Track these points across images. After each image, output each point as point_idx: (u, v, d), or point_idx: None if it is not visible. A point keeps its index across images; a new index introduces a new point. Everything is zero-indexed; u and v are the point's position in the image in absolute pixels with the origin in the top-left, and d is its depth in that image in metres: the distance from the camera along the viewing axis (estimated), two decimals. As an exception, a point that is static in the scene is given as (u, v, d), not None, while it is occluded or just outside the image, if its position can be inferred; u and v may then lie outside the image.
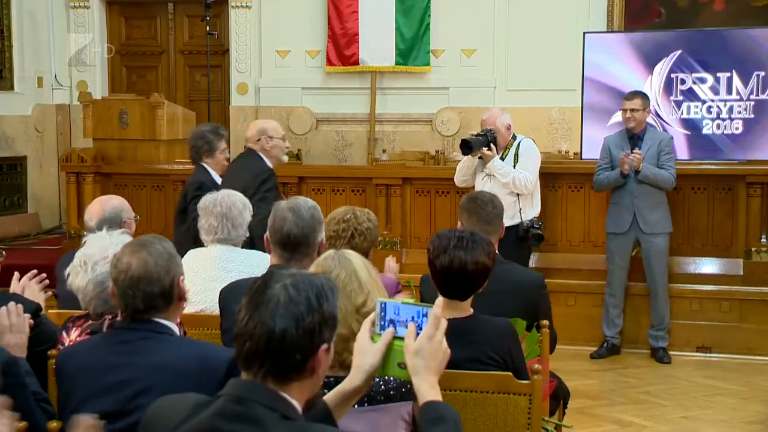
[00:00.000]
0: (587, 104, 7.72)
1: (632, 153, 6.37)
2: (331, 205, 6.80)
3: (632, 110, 6.53)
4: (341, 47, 10.07)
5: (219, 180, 5.52)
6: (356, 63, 10.05)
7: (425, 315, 2.06)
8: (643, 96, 6.66)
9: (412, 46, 9.97)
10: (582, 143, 7.79)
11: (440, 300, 2.11)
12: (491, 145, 5.96)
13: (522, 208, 5.94)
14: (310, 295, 1.82)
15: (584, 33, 7.90)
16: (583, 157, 7.74)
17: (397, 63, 10.02)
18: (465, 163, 6.13)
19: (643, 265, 6.58)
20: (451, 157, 9.38)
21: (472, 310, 3.05)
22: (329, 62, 10.14)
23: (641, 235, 6.50)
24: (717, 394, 5.75)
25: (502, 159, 5.99)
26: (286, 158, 5.78)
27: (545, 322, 3.69)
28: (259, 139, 5.55)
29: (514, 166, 5.97)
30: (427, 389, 2.01)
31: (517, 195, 5.93)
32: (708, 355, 6.64)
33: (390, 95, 10.16)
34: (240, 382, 1.82)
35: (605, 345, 6.65)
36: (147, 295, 2.57)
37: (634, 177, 6.42)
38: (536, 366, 2.99)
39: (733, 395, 5.73)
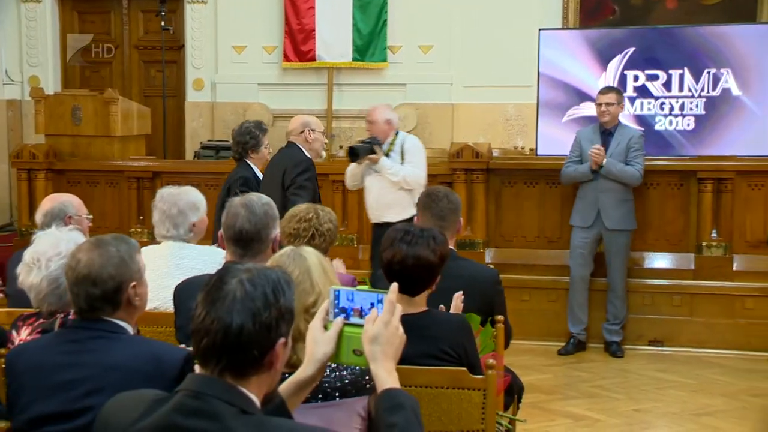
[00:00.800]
0: (543, 101, 7.79)
1: (592, 148, 6.43)
2: (287, 201, 6.77)
3: (607, 104, 6.59)
4: (298, 43, 10.04)
5: (261, 175, 5.62)
6: (313, 59, 10.02)
7: (380, 301, 2.07)
8: (618, 91, 6.75)
9: (369, 42, 9.96)
10: (537, 139, 7.85)
11: (395, 286, 2.12)
12: (375, 149, 6.01)
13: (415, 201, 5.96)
14: (266, 290, 1.82)
15: (539, 30, 7.96)
16: (538, 153, 7.81)
17: (354, 59, 10.01)
18: (353, 170, 6.22)
19: (605, 261, 6.64)
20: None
21: (425, 305, 3.05)
22: (286, 58, 10.10)
23: (604, 230, 6.56)
24: (668, 387, 5.84)
25: (387, 155, 6.06)
26: (324, 153, 5.97)
27: (500, 317, 3.72)
28: (302, 131, 5.71)
29: (402, 163, 6.03)
30: (385, 376, 2.02)
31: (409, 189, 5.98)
32: (660, 348, 6.73)
33: (347, 91, 10.15)
34: (198, 377, 1.82)
35: (572, 341, 6.70)
36: (89, 296, 2.54)
37: (600, 172, 6.48)
38: (490, 361, 3.01)
39: (683, 388, 5.82)
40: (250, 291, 1.80)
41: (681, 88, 7.52)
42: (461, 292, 3.39)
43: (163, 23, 9.62)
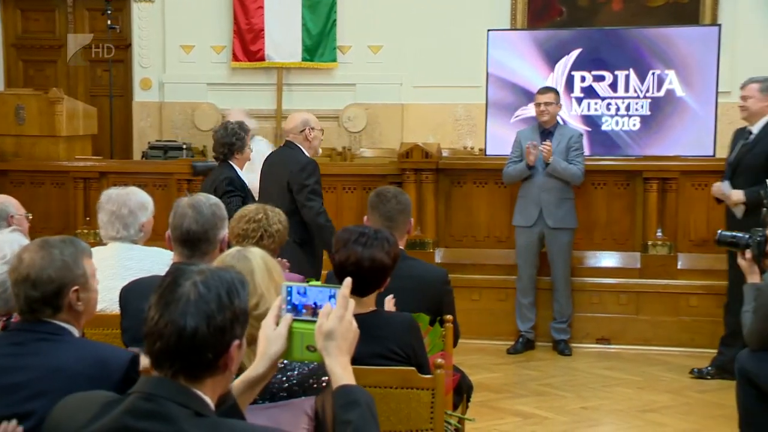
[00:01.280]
0: (491, 101, 7.85)
1: (542, 144, 6.49)
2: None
3: (546, 104, 6.64)
4: (247, 43, 9.99)
5: (243, 176, 5.62)
6: (262, 59, 9.98)
7: (333, 296, 2.06)
8: (556, 91, 6.81)
9: (319, 42, 9.95)
10: (486, 139, 7.91)
11: (348, 281, 2.11)
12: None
13: None
14: (220, 292, 1.80)
15: (488, 31, 8.02)
16: (487, 153, 7.87)
17: (303, 59, 9.99)
18: None
19: (548, 260, 6.71)
20: (358, 154, 9.41)
21: (374, 305, 3.06)
22: (235, 58, 10.05)
23: (546, 229, 6.61)
24: (614, 385, 5.91)
25: None
26: (320, 150, 5.94)
27: (449, 316, 3.74)
28: (303, 130, 5.65)
29: None
30: (340, 372, 2.02)
31: None
32: (607, 346, 6.82)
33: (296, 91, 10.12)
34: (151, 379, 1.80)
35: (520, 340, 6.75)
36: (28, 298, 2.49)
37: (543, 170, 6.54)
38: (439, 360, 3.02)
39: (629, 385, 5.90)
40: (203, 293, 1.78)
41: (627, 89, 7.64)
42: (392, 296, 3.40)
43: (109, 22, 9.50)
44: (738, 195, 5.80)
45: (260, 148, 6.23)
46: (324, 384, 2.40)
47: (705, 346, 6.40)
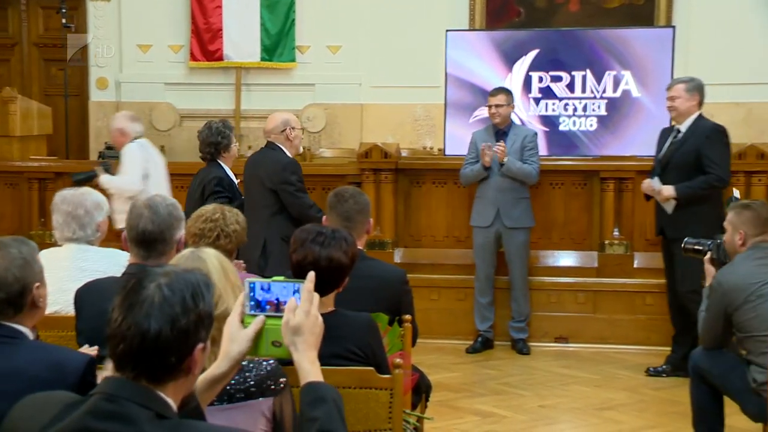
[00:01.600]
0: (450, 101, 7.89)
1: (496, 144, 6.53)
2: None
3: (497, 106, 6.67)
4: (205, 42, 9.93)
5: (232, 175, 5.70)
6: (220, 58, 9.93)
7: (297, 291, 2.06)
8: (507, 92, 6.82)
9: (278, 42, 9.92)
10: (445, 139, 7.95)
11: (312, 275, 2.11)
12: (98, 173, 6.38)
13: None
14: (185, 295, 1.79)
15: (446, 31, 8.06)
16: (446, 153, 7.90)
17: (262, 59, 9.95)
18: None
19: (505, 259, 6.76)
20: (318, 154, 9.40)
21: (333, 305, 3.06)
22: (193, 57, 9.98)
23: (503, 229, 6.66)
24: (572, 383, 5.97)
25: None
26: (301, 149, 5.95)
27: (407, 316, 3.75)
28: (284, 130, 5.72)
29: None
30: (308, 367, 2.02)
31: None
32: (565, 345, 6.88)
33: (255, 91, 10.08)
34: (113, 380, 1.78)
35: (479, 339, 6.79)
36: None
37: (499, 170, 6.58)
38: (397, 360, 3.03)
39: (587, 383, 5.97)
40: (168, 296, 1.77)
41: (584, 90, 7.72)
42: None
43: (64, 20, 9.38)
44: (669, 191, 5.92)
45: (126, 150, 6.40)
46: (282, 385, 2.40)
47: (661, 344, 6.48)
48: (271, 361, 2.37)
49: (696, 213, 5.83)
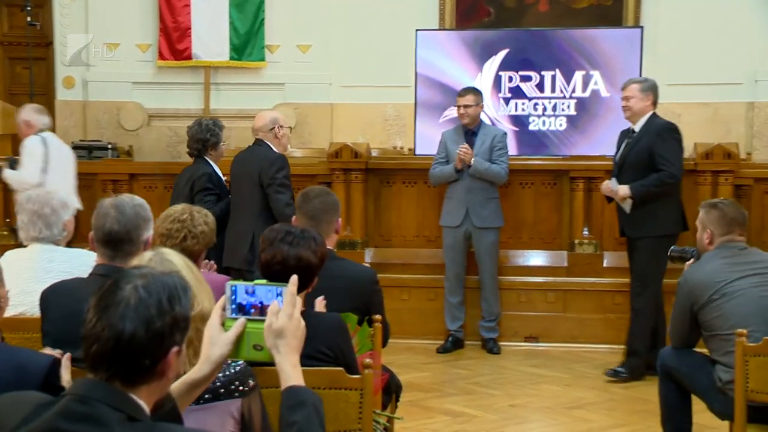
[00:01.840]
0: (420, 101, 7.89)
1: (460, 147, 6.55)
2: (164, 202, 6.66)
3: (465, 106, 6.69)
4: (173, 41, 9.86)
5: (220, 172, 5.80)
6: (189, 57, 9.86)
7: (279, 294, 2.05)
8: (476, 92, 6.83)
9: (247, 41, 9.88)
10: (416, 139, 7.95)
11: (294, 278, 2.10)
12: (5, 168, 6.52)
13: None
14: (161, 297, 1.77)
15: (416, 30, 8.06)
16: (416, 153, 7.91)
17: (231, 58, 9.90)
18: None
19: (475, 260, 6.77)
20: (288, 153, 9.36)
21: (302, 305, 3.05)
22: (161, 56, 9.91)
23: (473, 229, 6.68)
24: (542, 382, 6.00)
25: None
26: (289, 147, 6.08)
27: (377, 316, 3.75)
28: (272, 128, 5.79)
29: None
30: (290, 370, 2.02)
31: None
32: (535, 344, 6.91)
33: (224, 91, 10.03)
34: (85, 381, 1.76)
35: (450, 339, 6.80)
36: None
37: (467, 171, 6.60)
38: (367, 360, 3.02)
39: (557, 382, 6.00)
40: (144, 297, 1.76)
41: (553, 89, 7.76)
42: (322, 297, 3.40)
43: (29, 18, 9.27)
44: (624, 190, 6.00)
45: (25, 143, 6.48)
46: (250, 386, 2.39)
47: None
48: (240, 364, 2.36)
49: (653, 211, 5.91)
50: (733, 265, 4.04)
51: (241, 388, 2.36)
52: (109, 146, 9.12)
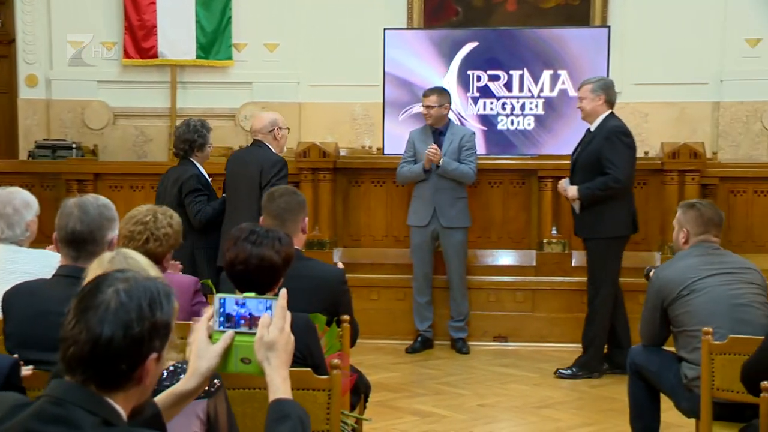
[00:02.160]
0: (388, 100, 7.90)
1: (429, 147, 6.55)
2: (130, 202, 6.61)
3: (428, 107, 6.68)
4: (139, 39, 9.78)
5: (206, 173, 5.85)
6: (155, 56, 9.79)
7: (269, 308, 2.05)
8: (441, 92, 6.79)
9: (214, 40, 9.82)
10: (384, 138, 7.95)
11: (284, 292, 2.11)
12: None
13: None
14: (142, 302, 1.77)
15: (384, 29, 8.06)
16: (385, 152, 7.91)
17: (198, 56, 9.84)
18: None
19: (443, 259, 6.79)
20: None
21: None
22: (126, 55, 9.83)
23: (440, 228, 6.69)
24: (511, 382, 6.03)
25: None
26: (285, 149, 6.16)
27: (346, 317, 3.75)
28: (271, 130, 5.89)
29: None
30: (279, 383, 2.02)
31: None
32: (504, 344, 6.94)
33: (191, 89, 9.98)
34: (62, 383, 1.76)
35: (419, 339, 6.81)
36: None
37: (436, 170, 6.61)
38: (335, 361, 3.03)
39: (525, 382, 6.03)
40: (125, 301, 1.75)
41: (521, 89, 7.79)
42: (284, 290, 3.39)
43: (-10, 15, 9.17)
44: (573, 191, 6.10)
45: None
46: (216, 387, 2.38)
47: (598, 342, 6.55)
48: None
49: (601, 213, 6.01)
50: (705, 263, 4.10)
51: (206, 388, 2.35)
52: (74, 146, 9.04)
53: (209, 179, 5.92)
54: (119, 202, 5.57)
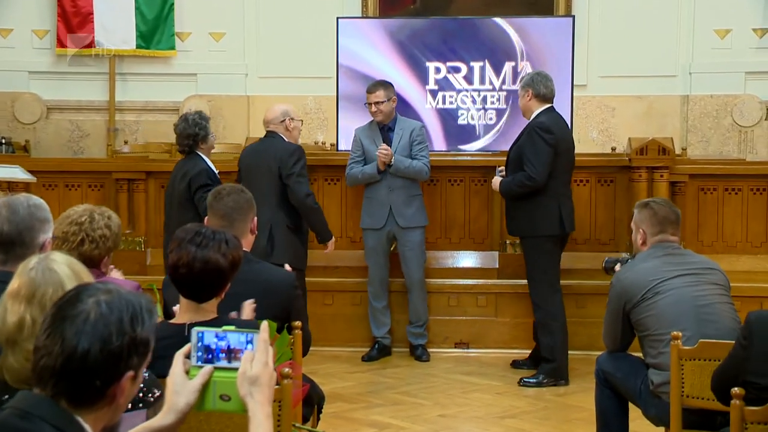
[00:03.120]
0: (342, 93, 7.90)
1: (379, 148, 6.54)
2: (65, 203, 6.55)
3: (376, 103, 6.62)
4: (74, 27, 9.68)
5: (213, 167, 6.08)
6: (92, 45, 9.70)
7: (250, 341, 2.04)
8: (386, 85, 6.73)
9: (155, 28, 9.76)
10: (338, 134, 7.95)
11: (265, 324, 2.10)
12: None
13: None
14: (123, 316, 1.77)
15: (338, 18, 8.06)
16: (339, 149, 7.92)
17: (138, 46, 9.78)
18: None
19: (400, 261, 6.79)
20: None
21: (215, 312, 3.02)
22: (60, 44, 9.72)
23: (397, 229, 6.68)
24: (473, 391, 6.05)
25: None
26: (299, 140, 6.41)
27: (297, 323, 3.74)
28: (283, 120, 6.17)
29: None
30: (263, 419, 2.00)
31: None
32: (466, 351, 6.96)
33: (131, 81, 9.91)
34: (30, 395, 1.75)
35: (376, 346, 6.80)
36: None
37: (387, 170, 6.61)
38: (286, 370, 3.02)
39: (488, 391, 6.05)
40: (105, 314, 1.75)
41: (482, 81, 7.84)
42: (252, 300, 3.38)
43: None
44: (495, 185, 6.31)
45: None
46: (155, 397, 2.37)
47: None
48: (146, 373, 2.34)
49: (533, 211, 6.15)
50: (667, 264, 4.15)
51: (147, 397, 2.34)
52: (3, 141, 8.93)
53: (217, 173, 6.11)
54: (53, 202, 5.54)
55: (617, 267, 4.48)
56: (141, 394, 2.34)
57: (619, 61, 9.41)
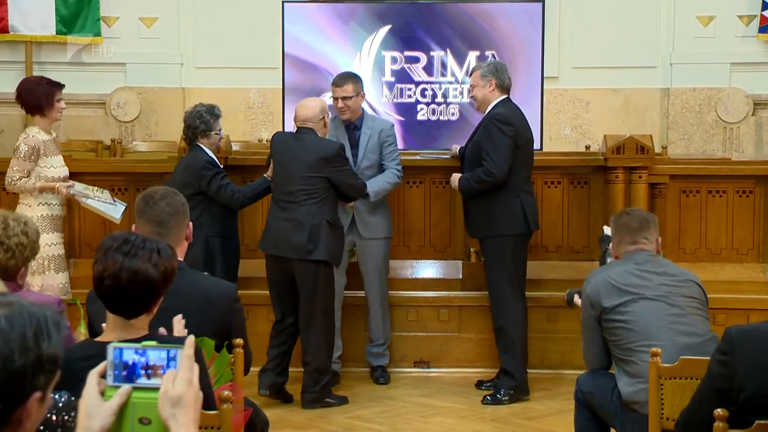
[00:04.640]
0: (289, 85, 7.90)
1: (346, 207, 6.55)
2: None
3: (344, 98, 6.52)
4: (-16, 10, 9.60)
5: (215, 158, 6.46)
6: (5, 30, 9.63)
7: (173, 358, 2.03)
8: (355, 78, 6.66)
9: (78, 12, 9.70)
10: (284, 130, 7.94)
11: (191, 339, 2.09)
12: None
13: None
14: (26, 332, 1.74)
15: (283, 2, 8.07)
16: (286, 147, 7.89)
17: (58, 32, 9.72)
18: None
19: (361, 274, 6.75)
20: (130, 147, 9.24)
21: (146, 329, 3.02)
22: (-31, 29, 9.64)
23: (359, 240, 6.65)
24: (435, 414, 6.07)
25: None
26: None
27: (239, 340, 3.75)
28: (322, 118, 6.28)
29: None
30: None
31: None
32: (426, 370, 6.97)
33: (51, 71, 9.79)
34: None
35: None
36: None
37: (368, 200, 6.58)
38: (226, 393, 3.03)
39: (451, 414, 6.07)
40: (5, 329, 1.72)
41: (444, 73, 7.88)
42: (180, 315, 3.37)
43: None
44: (453, 182, 6.42)
45: None
46: (72, 419, 2.37)
47: (533, 366, 6.65)
48: (65, 396, 2.34)
49: (493, 209, 6.25)
50: (641, 272, 4.34)
51: (66, 424, 2.34)
52: None
53: (221, 165, 6.47)
54: None
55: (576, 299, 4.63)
56: (59, 419, 2.33)
57: (594, 51, 9.51)
